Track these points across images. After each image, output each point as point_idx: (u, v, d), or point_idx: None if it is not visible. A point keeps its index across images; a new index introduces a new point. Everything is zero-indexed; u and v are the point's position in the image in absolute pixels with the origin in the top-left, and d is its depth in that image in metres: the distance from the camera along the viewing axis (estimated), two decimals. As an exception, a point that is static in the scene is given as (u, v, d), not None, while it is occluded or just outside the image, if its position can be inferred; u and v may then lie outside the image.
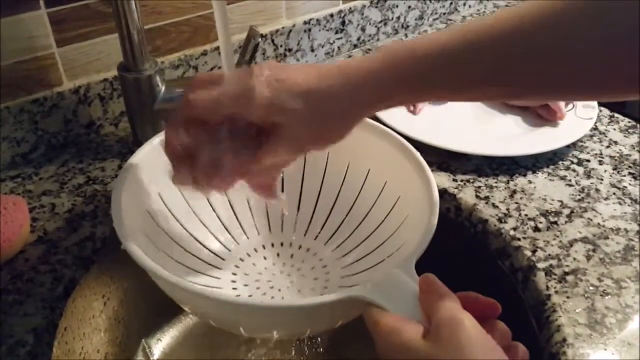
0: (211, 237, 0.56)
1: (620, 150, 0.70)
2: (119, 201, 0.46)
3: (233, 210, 0.58)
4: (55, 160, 0.66)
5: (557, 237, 0.57)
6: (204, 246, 0.56)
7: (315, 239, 0.58)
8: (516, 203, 0.61)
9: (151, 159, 0.51)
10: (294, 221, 0.59)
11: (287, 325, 0.45)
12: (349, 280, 0.54)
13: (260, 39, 0.58)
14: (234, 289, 0.54)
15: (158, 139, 0.53)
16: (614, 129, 0.73)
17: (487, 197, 0.62)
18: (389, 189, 0.55)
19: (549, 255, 0.55)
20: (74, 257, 0.53)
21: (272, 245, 0.58)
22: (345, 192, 0.58)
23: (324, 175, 0.58)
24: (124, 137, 0.69)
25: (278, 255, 0.57)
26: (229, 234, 0.58)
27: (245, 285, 0.54)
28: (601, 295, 0.51)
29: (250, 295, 0.53)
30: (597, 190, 0.63)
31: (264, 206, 0.59)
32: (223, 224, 0.58)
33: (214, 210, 0.57)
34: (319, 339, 0.66)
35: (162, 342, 0.68)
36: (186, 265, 0.52)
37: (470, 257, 0.62)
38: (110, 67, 0.67)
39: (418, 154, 0.52)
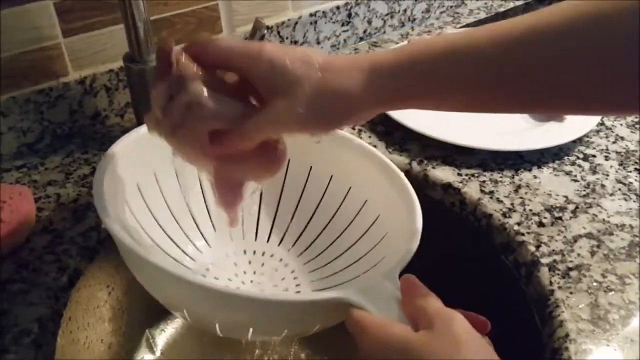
0: (184, 238, 0.56)
1: (626, 145, 0.69)
2: (101, 181, 0.44)
3: (209, 214, 0.58)
4: (60, 150, 0.66)
5: (562, 232, 0.57)
6: (177, 245, 0.55)
7: (288, 251, 0.58)
8: (521, 198, 0.61)
9: (134, 146, 0.51)
10: (269, 231, 0.59)
11: (264, 324, 0.44)
12: (319, 294, 0.53)
13: (266, 31, 0.58)
14: None
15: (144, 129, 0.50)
16: (621, 125, 0.73)
17: (491, 192, 0.62)
18: (368, 207, 0.54)
19: (553, 250, 0.55)
20: (78, 247, 0.54)
21: (244, 252, 0.58)
22: (324, 207, 0.57)
23: (303, 189, 0.58)
24: (129, 128, 0.69)
25: (250, 262, 0.57)
26: (203, 237, 0.57)
27: None
28: (604, 291, 0.51)
29: None
30: (603, 185, 0.63)
31: (240, 213, 0.59)
32: (198, 227, 0.57)
33: (191, 213, 0.56)
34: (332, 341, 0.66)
35: (165, 333, 0.69)
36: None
37: (474, 251, 0.62)
38: (116, 57, 0.67)
39: (402, 175, 0.51)
